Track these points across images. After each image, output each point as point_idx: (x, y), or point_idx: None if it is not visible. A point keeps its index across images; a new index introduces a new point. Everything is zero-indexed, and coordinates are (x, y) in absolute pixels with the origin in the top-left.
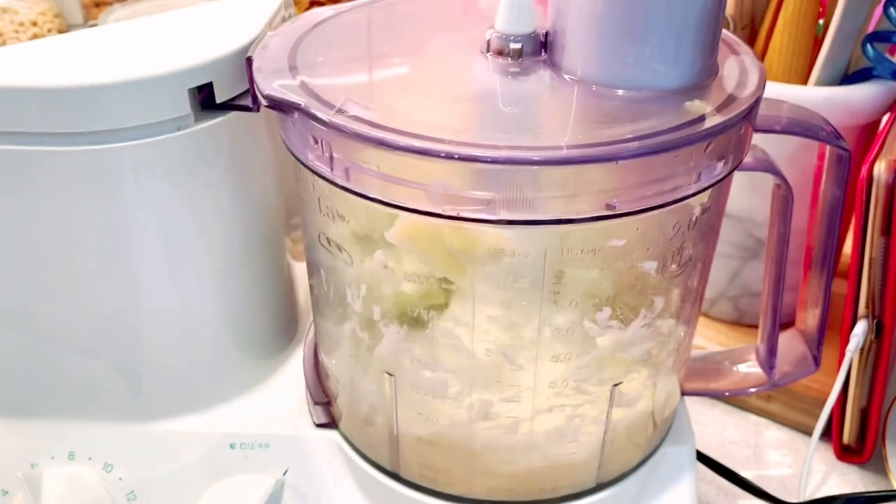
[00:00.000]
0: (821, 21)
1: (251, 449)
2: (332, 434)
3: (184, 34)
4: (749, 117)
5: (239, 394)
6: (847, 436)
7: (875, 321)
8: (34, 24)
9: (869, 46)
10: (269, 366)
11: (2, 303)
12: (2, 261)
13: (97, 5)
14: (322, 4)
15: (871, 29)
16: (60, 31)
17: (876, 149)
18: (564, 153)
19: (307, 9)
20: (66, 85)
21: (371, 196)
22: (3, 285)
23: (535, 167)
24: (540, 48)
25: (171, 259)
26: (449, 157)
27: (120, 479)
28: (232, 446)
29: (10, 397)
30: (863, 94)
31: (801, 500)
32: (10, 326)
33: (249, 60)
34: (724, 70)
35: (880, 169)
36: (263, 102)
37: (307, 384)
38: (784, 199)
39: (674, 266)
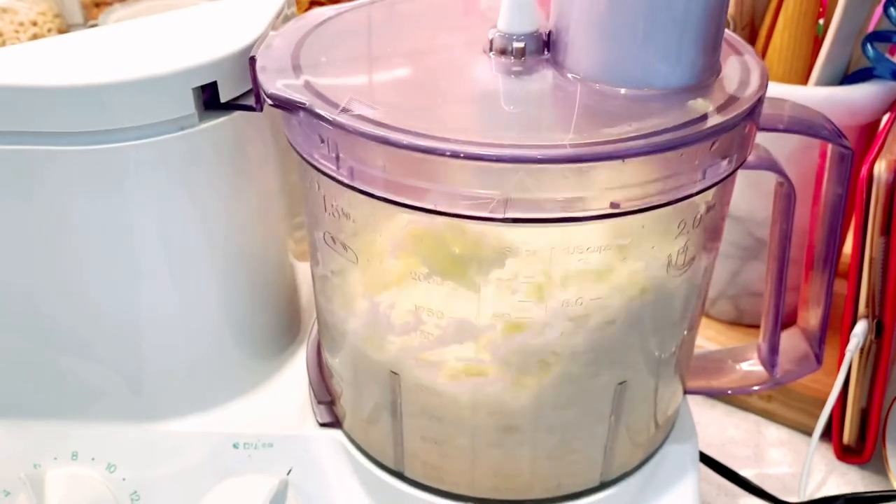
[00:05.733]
0: (821, 21)
1: (255, 449)
2: (336, 433)
3: (187, 34)
4: (753, 115)
5: (242, 393)
6: (847, 436)
7: (875, 321)
8: (34, 24)
9: (869, 46)
10: (272, 365)
11: (4, 303)
12: (4, 261)
13: (97, 5)
14: (322, 4)
15: (871, 29)
16: (60, 31)
17: (876, 149)
18: (569, 151)
19: (307, 9)
20: (69, 84)
21: (376, 195)
22: (5, 285)
23: (540, 166)
24: (543, 47)
25: (174, 259)
26: (454, 155)
27: (123, 479)
28: (235, 446)
29: (12, 398)
30: (863, 94)
31: (802, 500)
32: (11, 326)
33: (253, 60)
34: (726, 69)
35: (880, 168)
36: (268, 102)
37: (310, 383)
38: (786, 197)
39: (678, 264)
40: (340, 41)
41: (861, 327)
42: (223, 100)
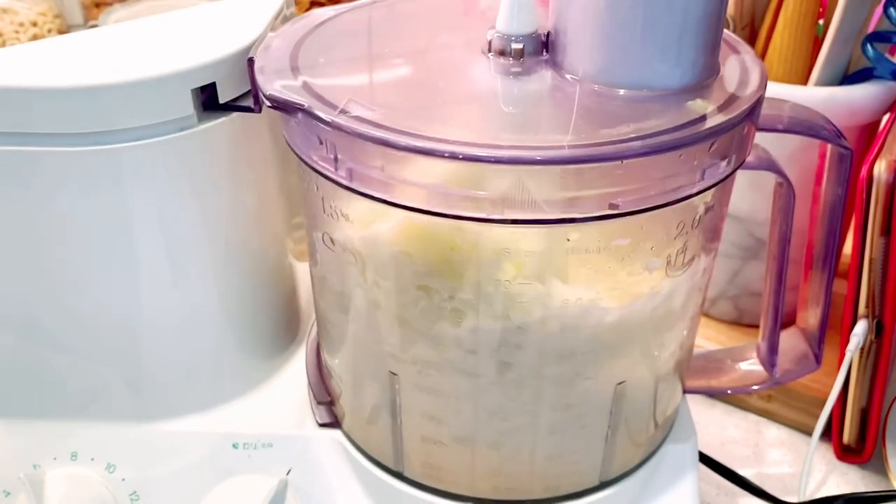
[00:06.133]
0: (821, 21)
1: (254, 449)
2: (336, 433)
3: (186, 34)
4: (752, 116)
5: (241, 393)
6: (847, 436)
7: (875, 321)
8: (34, 24)
9: (869, 46)
10: (271, 365)
11: (3, 303)
12: (4, 261)
13: (97, 6)
14: (322, 5)
15: (871, 29)
16: (60, 32)
17: (876, 149)
18: (568, 153)
19: (307, 9)
20: (69, 85)
21: (375, 196)
22: (4, 286)
23: (539, 167)
24: (541, 48)
25: (174, 259)
26: (452, 157)
27: (123, 479)
28: (235, 446)
29: (12, 398)
30: (863, 94)
31: (801, 499)
32: (11, 327)
33: (251, 61)
34: (725, 69)
35: (880, 169)
36: (266, 103)
37: (310, 384)
38: (786, 197)
39: (678, 265)
40: (339, 42)
41: (861, 327)
42: (222, 101)
